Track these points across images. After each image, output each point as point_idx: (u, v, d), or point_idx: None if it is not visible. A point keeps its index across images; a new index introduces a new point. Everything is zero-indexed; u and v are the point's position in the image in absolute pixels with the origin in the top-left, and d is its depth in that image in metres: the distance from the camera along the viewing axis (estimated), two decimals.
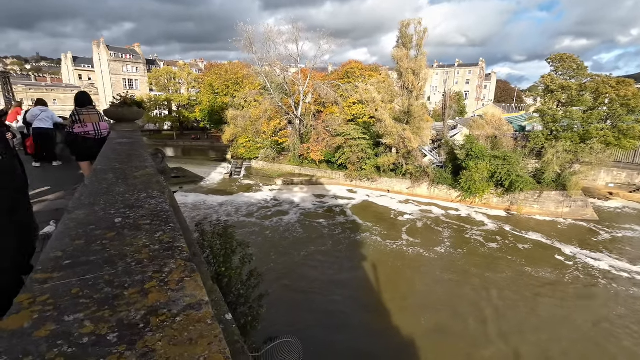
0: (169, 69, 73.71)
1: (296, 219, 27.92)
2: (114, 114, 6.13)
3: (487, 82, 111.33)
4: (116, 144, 4.00)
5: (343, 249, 22.30)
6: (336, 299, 16.67)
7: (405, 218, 28.63)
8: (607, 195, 37.24)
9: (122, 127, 6.08)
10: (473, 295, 17.16)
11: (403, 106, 33.03)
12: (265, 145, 44.52)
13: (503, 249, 22.68)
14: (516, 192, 29.87)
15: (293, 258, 20.58)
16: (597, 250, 22.90)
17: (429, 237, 24.55)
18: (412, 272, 19.72)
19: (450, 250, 22.38)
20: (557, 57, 39.41)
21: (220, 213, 28.67)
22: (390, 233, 24.93)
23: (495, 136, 32.82)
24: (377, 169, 36.70)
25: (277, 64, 41.82)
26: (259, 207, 30.79)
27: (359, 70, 56.93)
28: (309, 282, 18.08)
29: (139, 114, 6.40)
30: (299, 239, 23.89)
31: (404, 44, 33.01)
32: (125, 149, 3.67)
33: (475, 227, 26.82)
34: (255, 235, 23.89)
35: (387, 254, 21.67)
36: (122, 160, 3.18)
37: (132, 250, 1.28)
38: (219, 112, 58.75)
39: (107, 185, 2.24)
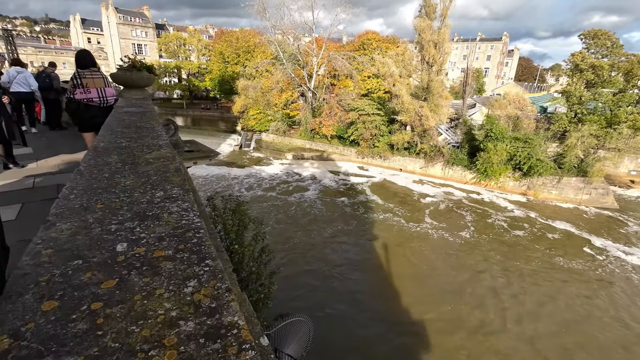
0: (179, 34, 71.46)
1: (315, 196, 27.52)
2: (122, 78, 5.49)
3: (509, 58, 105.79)
4: (124, 113, 3.45)
5: (367, 230, 21.97)
6: (356, 280, 16.54)
7: (427, 200, 27.87)
8: (628, 183, 35.87)
9: (130, 94, 5.47)
10: (499, 285, 16.61)
11: (422, 81, 31.44)
12: (276, 117, 43.53)
13: (529, 237, 22.00)
14: (534, 176, 28.83)
15: (314, 237, 20.32)
16: (630, 244, 21.91)
17: (452, 220, 23.94)
18: (437, 257, 19.17)
19: (475, 235, 21.80)
20: (591, 33, 36.69)
21: (231, 186, 28.45)
22: (413, 215, 24.44)
23: (517, 117, 31.27)
24: (390, 147, 35.71)
25: (291, 32, 39.87)
26: (271, 181, 30.47)
27: (376, 41, 54.17)
28: (330, 263, 17.85)
29: (150, 80, 5.75)
30: (319, 217, 23.52)
31: (427, 13, 30.85)
32: (134, 120, 3.13)
33: (498, 212, 26.03)
34: (271, 211, 23.68)
35: (411, 237, 21.25)
36: (130, 135, 2.61)
37: (142, 338, 0.72)
38: (229, 82, 57.32)
39: (110, 174, 1.69)
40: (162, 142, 2.36)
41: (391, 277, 16.89)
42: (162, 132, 2.70)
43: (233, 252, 9.62)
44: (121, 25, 70.83)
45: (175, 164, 1.81)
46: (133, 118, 3.21)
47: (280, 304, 12.35)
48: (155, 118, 3.25)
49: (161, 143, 2.34)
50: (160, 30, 79.68)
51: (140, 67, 5.50)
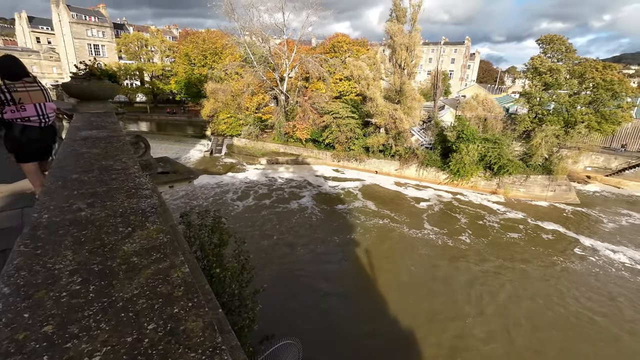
0: (140, 34, 67.75)
1: (304, 203, 26.74)
2: (78, 90, 4.48)
3: (471, 61, 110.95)
4: (81, 141, 2.58)
5: (371, 238, 21.56)
6: (358, 296, 15.98)
7: (421, 204, 27.87)
8: (585, 179, 38.39)
9: (89, 107, 4.51)
10: (516, 293, 16.64)
11: (395, 84, 31.67)
12: (248, 121, 42.18)
13: (525, 239, 22.60)
14: (504, 175, 29.95)
15: (301, 249, 19.50)
16: (616, 242, 22.90)
17: (449, 225, 24.06)
18: (449, 266, 18.86)
19: (474, 239, 22.03)
20: (547, 38, 38.95)
21: (205, 196, 26.92)
22: (412, 221, 24.31)
23: (485, 118, 32.40)
24: (366, 150, 35.72)
25: (260, 34, 38.82)
26: (247, 189, 29.23)
27: (346, 44, 54.35)
28: (318, 275, 17.15)
29: (113, 90, 4.80)
30: (304, 226, 22.63)
31: (398, 17, 31.18)
32: (97, 155, 2.28)
33: (487, 213, 26.60)
34: (252, 222, 22.51)
35: (416, 245, 21.05)
36: (93, 188, 1.74)
37: None
38: (196, 85, 55.08)
39: (60, 285, 0.90)
40: (147, 205, 1.55)
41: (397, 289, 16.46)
42: (142, 177, 1.91)
43: (213, 275, 8.69)
44: (75, 24, 65.86)
45: (182, 272, 1.03)
46: (95, 150, 2.34)
47: (266, 324, 11.51)
48: (126, 147, 2.41)
49: (145, 206, 1.51)
50: (119, 30, 75.14)
51: (100, 75, 4.55)
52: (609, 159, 40.10)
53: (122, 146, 2.36)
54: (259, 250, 18.77)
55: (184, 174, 4.95)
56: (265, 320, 11.46)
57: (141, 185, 1.75)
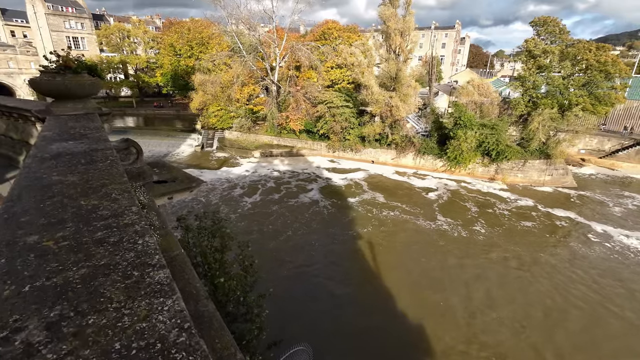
0: (121, 25, 64.92)
1: (310, 197, 26.08)
2: (50, 86, 3.64)
3: (461, 46, 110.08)
4: (51, 161, 1.82)
5: (388, 230, 20.99)
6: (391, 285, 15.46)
7: (429, 195, 27.35)
8: (579, 161, 38.53)
9: (65, 108, 3.71)
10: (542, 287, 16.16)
11: (390, 71, 30.83)
12: (239, 114, 40.94)
13: (540, 227, 22.25)
14: (502, 161, 29.70)
15: (310, 246, 18.82)
16: (629, 227, 22.65)
17: (461, 215, 23.68)
18: (470, 259, 18.35)
19: (489, 229, 21.63)
20: (541, 20, 38.34)
21: (201, 194, 26.01)
22: (424, 212, 23.85)
23: (481, 103, 31.93)
24: (361, 139, 35.05)
25: (248, 21, 37.31)
26: (244, 183, 28.37)
27: (337, 31, 52.90)
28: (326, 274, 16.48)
29: (94, 86, 3.95)
30: (309, 221, 21.92)
31: (391, 1, 30.12)
32: (73, 186, 1.53)
33: (497, 201, 26.23)
34: (255, 218, 21.68)
35: (432, 237, 20.53)
36: (65, 252, 1.05)
37: None
38: (183, 77, 53.28)
39: None
40: (168, 318, 0.80)
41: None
42: (148, 234, 1.21)
43: (217, 286, 8.05)
44: (51, 16, 62.70)
45: None
46: (71, 178, 1.56)
47: (274, 328, 10.98)
48: (117, 169, 1.68)
49: (166, 322, 0.76)
50: (98, 21, 71.97)
51: (77, 68, 3.74)
52: (602, 141, 40.24)
53: (111, 168, 1.62)
54: (266, 248, 18.14)
55: (185, 182, 4.24)
56: (275, 324, 10.95)
57: (148, 253, 1.07)
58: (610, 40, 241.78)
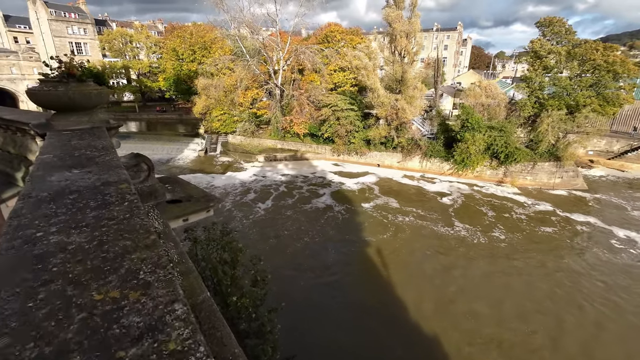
0: (124, 30, 64.98)
1: (329, 202, 25.58)
2: (50, 98, 3.12)
3: (463, 48, 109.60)
4: (48, 204, 1.36)
5: (405, 237, 20.43)
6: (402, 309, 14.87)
7: (443, 200, 26.69)
8: (588, 163, 37.88)
9: (68, 122, 3.28)
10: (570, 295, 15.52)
11: (395, 74, 30.40)
12: (242, 118, 40.62)
13: (560, 233, 21.55)
14: (511, 164, 29.15)
15: (324, 254, 18.27)
16: None
17: (478, 220, 23.04)
18: (495, 267, 17.67)
19: (509, 235, 20.98)
20: (547, 20, 37.87)
21: None
22: (440, 217, 23.20)
23: (488, 105, 31.42)
24: (367, 143, 34.59)
25: (252, 25, 37.06)
26: (250, 189, 27.88)
27: (339, 33, 52.74)
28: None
29: (102, 96, 3.49)
30: (343, 227, 21.38)
31: (396, 3, 29.74)
32: (80, 252, 1.06)
33: (513, 205, 25.56)
34: (265, 225, 21.19)
35: (452, 244, 19.87)
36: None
37: None
38: (185, 81, 53.04)
39: None
40: None
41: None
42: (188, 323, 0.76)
43: (230, 304, 7.59)
44: (54, 22, 62.79)
45: None
46: (77, 239, 1.11)
47: (288, 342, 10.48)
48: (142, 222, 1.13)
49: None
50: (101, 26, 72.05)
51: (82, 75, 3.31)
52: (611, 142, 39.59)
53: (130, 217, 1.11)
54: (284, 255, 17.59)
55: (201, 201, 3.80)
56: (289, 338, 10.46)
57: None
58: (611, 41, 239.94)
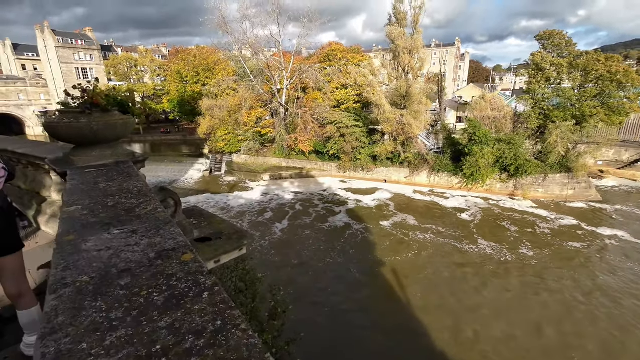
0: (129, 55, 66.42)
1: (345, 220, 25.02)
2: (71, 131, 2.77)
3: (461, 62, 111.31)
4: (94, 296, 0.91)
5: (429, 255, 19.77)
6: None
7: (462, 216, 25.84)
8: (598, 173, 37.28)
9: (90, 157, 2.91)
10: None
11: (400, 89, 30.46)
12: (247, 137, 40.66)
13: (590, 248, 20.70)
14: (521, 176, 28.65)
15: (340, 277, 17.56)
16: None
17: (502, 237, 22.14)
18: (529, 288, 16.66)
19: (537, 252, 20.05)
20: (546, 33, 38.28)
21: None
22: (463, 235, 22.32)
23: (495, 118, 31.26)
24: (373, 158, 34.32)
25: (256, 46, 37.62)
26: (258, 209, 27.38)
27: (341, 52, 53.62)
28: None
29: (127, 126, 3.14)
30: (363, 248, 20.69)
31: (399, 21, 30.15)
32: None
33: (535, 219, 24.72)
34: (278, 247, 20.47)
35: (478, 262, 19.03)
36: None
37: None
38: (189, 102, 53.65)
39: None
40: None
41: None
42: None
43: None
44: (61, 49, 64.32)
45: None
46: None
47: None
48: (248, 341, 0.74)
49: None
50: (107, 52, 73.75)
51: (107, 105, 2.96)
52: (619, 151, 39.11)
53: (227, 334, 0.76)
54: (305, 278, 16.90)
55: (233, 239, 3.37)
56: None
57: None
58: (606, 51, 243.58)
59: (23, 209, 3.96)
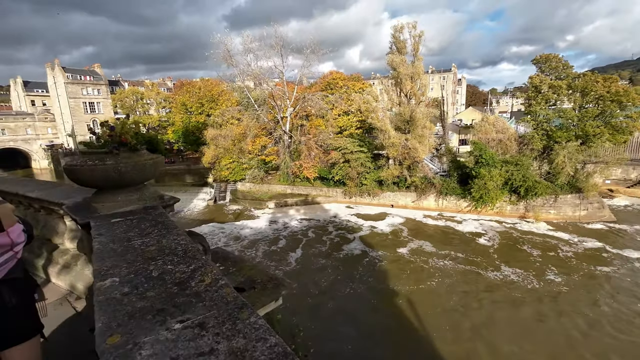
0: (135, 89, 68.25)
1: (360, 247, 24.34)
2: (96, 174, 2.49)
3: (458, 87, 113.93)
4: None
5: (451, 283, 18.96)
6: None
7: (480, 240, 24.94)
8: (608, 192, 36.71)
9: (115, 203, 2.58)
10: None
11: (404, 114, 30.75)
12: (251, 165, 40.71)
13: (621, 272, 19.62)
14: (532, 198, 28.13)
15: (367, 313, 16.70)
16: None
17: (525, 262, 21.09)
18: (569, 321, 15.48)
19: (565, 278, 18.98)
20: (543, 57, 39.18)
21: (238, 250, 24.28)
22: (484, 261, 21.33)
23: (500, 140, 31.25)
24: (379, 183, 34.03)
25: (260, 78, 38.60)
26: (286, 236, 26.83)
27: (341, 80, 55.03)
28: None
29: (157, 166, 2.84)
30: (383, 277, 19.91)
31: (399, 49, 30.99)
32: None
33: (556, 242, 23.75)
34: (314, 278, 19.65)
35: (505, 290, 18.03)
36: None
37: None
38: (194, 132, 54.34)
39: None
40: None
41: None
42: None
43: None
44: (70, 85, 66.32)
45: None
46: None
47: None
48: None
49: None
50: (114, 86, 76.02)
51: (136, 144, 2.68)
52: (627, 170, 38.71)
53: None
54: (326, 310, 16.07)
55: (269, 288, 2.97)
56: None
57: None
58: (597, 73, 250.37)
59: (32, 257, 3.53)
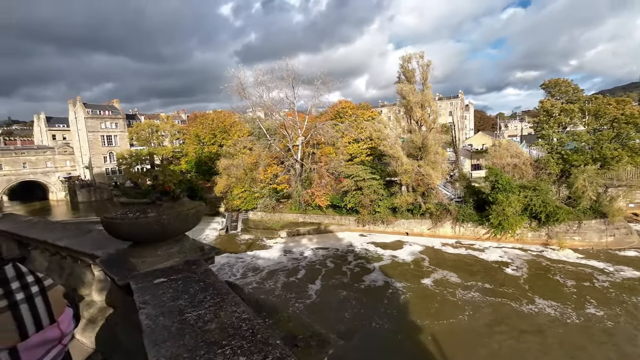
0: (151, 122, 70.74)
1: (382, 278, 23.44)
2: (136, 229, 2.29)
3: (466, 112, 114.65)
4: None
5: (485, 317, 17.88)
6: None
7: (507, 270, 23.74)
8: (633, 217, 35.21)
9: (156, 258, 2.34)
10: None
11: (416, 141, 30.76)
12: (263, 194, 40.76)
13: None
14: (553, 224, 27.08)
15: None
16: None
17: (560, 294, 19.91)
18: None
19: (607, 311, 17.72)
20: (552, 82, 39.33)
21: (255, 281, 23.70)
22: (516, 292, 20.15)
23: (515, 165, 30.73)
24: (392, 211, 33.43)
25: (272, 109, 39.63)
26: (303, 267, 26.21)
27: (350, 109, 56.05)
28: None
29: (198, 216, 2.64)
30: (408, 311, 18.92)
31: (408, 78, 31.61)
32: None
33: (591, 271, 22.47)
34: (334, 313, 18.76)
35: (543, 326, 16.79)
36: None
37: None
38: (206, 162, 55.36)
39: None
40: None
41: None
42: None
43: None
44: (90, 119, 69.29)
45: None
46: None
47: None
48: None
49: None
50: (131, 120, 79.04)
51: (180, 193, 2.50)
52: None
53: None
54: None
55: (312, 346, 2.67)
56: None
57: None
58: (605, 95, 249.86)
59: None
